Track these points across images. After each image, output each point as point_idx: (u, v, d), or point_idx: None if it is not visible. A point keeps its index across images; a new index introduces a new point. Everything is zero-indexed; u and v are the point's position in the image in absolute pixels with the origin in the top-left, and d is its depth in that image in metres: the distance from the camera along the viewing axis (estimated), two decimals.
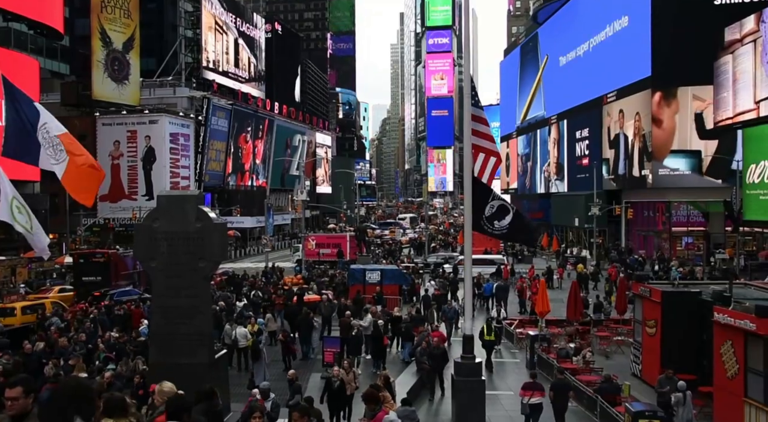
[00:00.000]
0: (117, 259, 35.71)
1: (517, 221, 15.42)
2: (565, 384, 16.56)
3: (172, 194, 14.48)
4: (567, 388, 16.39)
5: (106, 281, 33.91)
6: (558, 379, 16.84)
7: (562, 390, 15.96)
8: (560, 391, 15.81)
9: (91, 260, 35.65)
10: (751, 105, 37.31)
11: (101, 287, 32.71)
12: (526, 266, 45.15)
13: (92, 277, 33.97)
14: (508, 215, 15.23)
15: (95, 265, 34.93)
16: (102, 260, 35.37)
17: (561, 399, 15.70)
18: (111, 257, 35.37)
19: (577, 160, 63.83)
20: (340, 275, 38.65)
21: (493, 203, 15.25)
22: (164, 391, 9.55)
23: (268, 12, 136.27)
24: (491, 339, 21.86)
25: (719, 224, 46.52)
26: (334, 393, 14.77)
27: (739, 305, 15.66)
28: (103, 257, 35.92)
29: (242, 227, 71.86)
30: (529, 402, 15.53)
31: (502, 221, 15.17)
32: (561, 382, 16.42)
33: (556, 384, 16.14)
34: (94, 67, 61.54)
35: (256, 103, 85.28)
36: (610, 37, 56.70)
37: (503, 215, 15.15)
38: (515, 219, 15.29)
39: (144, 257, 12.98)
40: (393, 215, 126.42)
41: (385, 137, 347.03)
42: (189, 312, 12.31)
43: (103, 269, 34.58)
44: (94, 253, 37.97)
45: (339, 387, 14.18)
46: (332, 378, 14.03)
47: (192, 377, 11.36)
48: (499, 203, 15.35)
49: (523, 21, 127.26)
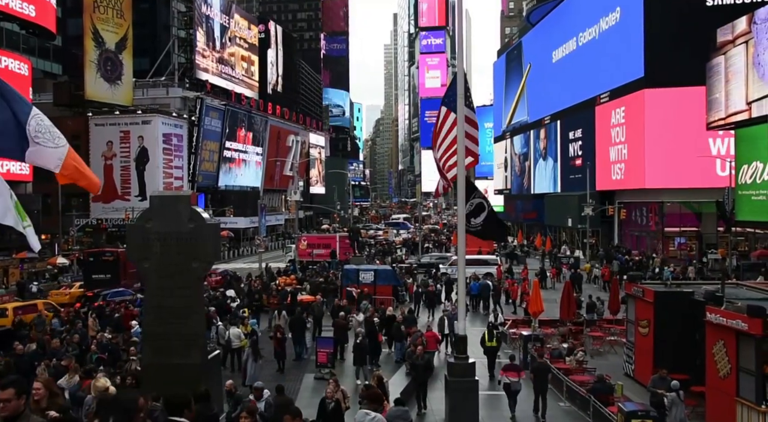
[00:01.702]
0: (126, 257, 36.07)
1: (490, 218, 15.90)
2: (545, 367, 17.78)
3: (165, 195, 14.44)
4: (546, 371, 17.67)
5: (116, 279, 34.91)
6: (538, 363, 18.24)
7: (542, 372, 17.30)
8: (540, 373, 17.21)
9: (101, 258, 36.88)
10: (743, 106, 37.44)
11: (110, 284, 33.44)
12: (520, 266, 45.26)
13: (102, 275, 35.12)
14: (483, 212, 15.68)
15: (105, 263, 36.21)
16: (111, 258, 36.53)
17: (541, 380, 17.10)
18: (120, 256, 35.86)
19: (571, 160, 63.97)
20: (333, 276, 38.61)
21: (473, 201, 15.54)
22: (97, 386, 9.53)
23: (261, 12, 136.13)
24: (493, 345, 21.05)
25: (712, 224, 46.71)
26: (329, 417, 13.40)
27: (731, 305, 15.72)
28: (113, 255, 36.92)
29: (235, 227, 71.74)
30: (507, 381, 16.90)
31: (477, 218, 15.76)
32: (541, 365, 17.79)
33: (537, 367, 17.62)
34: (86, 68, 61.36)
35: (249, 104, 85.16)
36: (602, 38, 56.85)
37: (479, 212, 15.69)
38: (489, 216, 15.77)
39: (137, 258, 12.95)
40: (387, 216, 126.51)
41: (379, 137, 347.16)
42: (182, 313, 12.28)
43: (112, 267, 35.86)
44: (104, 252, 38.80)
45: (334, 409, 13.06)
46: (326, 400, 13.30)
47: (185, 377, 11.36)
48: (478, 201, 15.67)
49: (517, 22, 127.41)
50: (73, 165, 9.64)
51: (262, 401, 13.01)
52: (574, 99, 63.10)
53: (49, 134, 9.26)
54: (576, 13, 63.31)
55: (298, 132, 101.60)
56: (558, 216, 65.34)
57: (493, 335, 21.21)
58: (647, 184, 48.60)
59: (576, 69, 63.19)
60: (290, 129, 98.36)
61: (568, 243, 62.71)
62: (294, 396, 18.45)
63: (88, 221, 59.26)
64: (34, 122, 9.14)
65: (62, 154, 9.37)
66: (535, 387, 17.19)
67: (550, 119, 71.17)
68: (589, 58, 60.10)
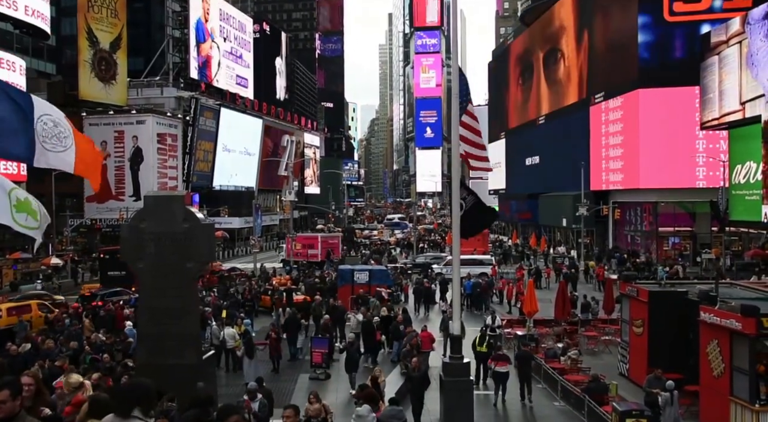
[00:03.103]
0: None
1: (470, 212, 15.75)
2: (528, 355, 19.25)
3: (159, 195, 14.41)
4: (530, 358, 19.11)
5: (130, 277, 34.84)
6: (522, 351, 19.74)
7: (525, 360, 18.80)
8: (524, 361, 18.73)
9: (116, 256, 36.86)
10: (737, 106, 37.58)
11: (125, 282, 33.42)
12: (514, 266, 45.37)
13: (117, 272, 35.24)
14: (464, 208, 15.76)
15: (120, 261, 36.32)
16: None
17: (525, 367, 18.55)
18: None
19: (565, 160, 64.07)
20: (328, 276, 38.63)
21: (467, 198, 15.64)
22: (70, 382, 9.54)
23: (256, 12, 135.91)
24: (483, 350, 19.67)
25: (706, 224, 46.86)
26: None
27: (724, 304, 15.76)
28: None
29: (230, 227, 71.60)
30: (496, 369, 18.07)
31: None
32: (524, 353, 19.28)
33: (520, 355, 19.20)
34: (80, 67, 61.08)
35: (244, 104, 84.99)
36: (596, 39, 56.96)
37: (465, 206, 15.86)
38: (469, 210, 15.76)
39: (131, 258, 12.92)
40: (382, 216, 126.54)
41: (374, 137, 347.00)
42: (177, 313, 12.25)
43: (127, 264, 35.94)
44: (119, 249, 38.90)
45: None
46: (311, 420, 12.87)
47: (180, 378, 11.34)
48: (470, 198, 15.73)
49: (512, 22, 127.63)
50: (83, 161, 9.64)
51: (256, 401, 12.99)
52: (569, 99, 63.23)
53: (56, 138, 9.24)
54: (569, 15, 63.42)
55: (293, 132, 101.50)
56: (552, 216, 65.45)
57: (485, 340, 20.06)
58: (641, 184, 48.71)
59: (570, 69, 63.32)
60: (285, 129, 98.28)
61: (563, 243, 62.84)
62: (288, 396, 18.47)
63: (83, 222, 59.03)
64: (39, 127, 9.12)
65: (71, 155, 9.38)
66: (520, 374, 18.53)
67: (544, 119, 71.30)
68: (584, 57, 60.25)
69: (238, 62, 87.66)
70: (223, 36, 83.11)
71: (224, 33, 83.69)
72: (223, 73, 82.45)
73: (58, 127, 9.52)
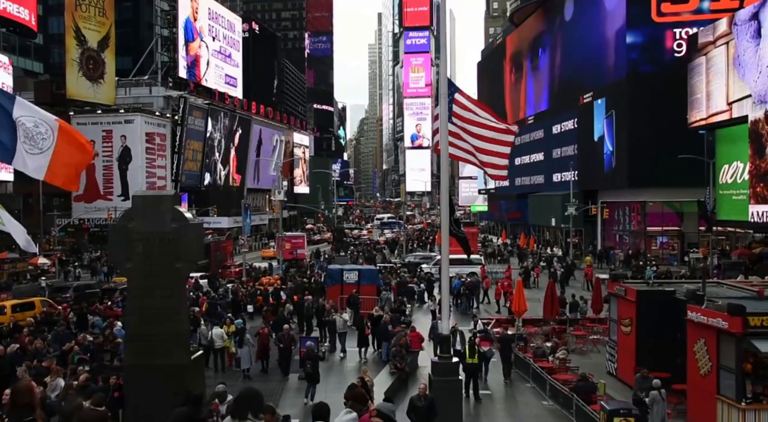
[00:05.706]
0: None
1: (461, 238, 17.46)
2: (509, 338, 21.43)
3: (147, 194, 14.32)
4: (510, 341, 21.20)
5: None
6: (503, 334, 21.99)
7: (506, 341, 20.97)
8: (505, 343, 20.89)
9: None
10: (723, 106, 37.81)
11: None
12: (504, 265, 45.45)
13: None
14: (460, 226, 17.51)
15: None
16: None
17: (506, 349, 20.71)
18: None
19: (554, 160, 64.31)
20: (317, 276, 38.57)
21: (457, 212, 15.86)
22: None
23: (245, 11, 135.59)
24: (474, 361, 18.55)
25: (693, 223, 47.14)
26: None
27: (711, 303, 15.86)
28: None
29: (219, 227, 71.33)
30: (481, 351, 19.28)
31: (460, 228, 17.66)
32: (506, 336, 21.54)
33: (502, 338, 21.37)
34: (68, 66, 60.77)
35: (233, 103, 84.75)
36: (586, 39, 57.17)
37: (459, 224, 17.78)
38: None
39: (119, 259, 12.84)
40: (371, 216, 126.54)
41: (363, 137, 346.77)
42: (166, 313, 12.19)
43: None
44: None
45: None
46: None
47: (169, 378, 11.29)
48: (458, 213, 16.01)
49: (501, 22, 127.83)
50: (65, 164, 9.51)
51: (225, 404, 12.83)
52: (558, 98, 63.44)
53: (32, 140, 9.15)
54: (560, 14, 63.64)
55: (282, 132, 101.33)
56: (542, 216, 65.64)
57: (475, 350, 18.80)
58: (630, 183, 48.93)
59: (560, 69, 63.56)
60: (274, 129, 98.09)
61: (552, 244, 63.04)
62: (277, 396, 18.45)
63: (70, 221, 58.69)
64: (21, 131, 9.04)
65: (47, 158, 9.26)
66: (502, 354, 20.70)
67: (533, 119, 71.51)
68: (572, 58, 60.47)
69: (227, 61, 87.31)
70: (212, 35, 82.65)
71: (213, 32, 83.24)
72: (212, 73, 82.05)
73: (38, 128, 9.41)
